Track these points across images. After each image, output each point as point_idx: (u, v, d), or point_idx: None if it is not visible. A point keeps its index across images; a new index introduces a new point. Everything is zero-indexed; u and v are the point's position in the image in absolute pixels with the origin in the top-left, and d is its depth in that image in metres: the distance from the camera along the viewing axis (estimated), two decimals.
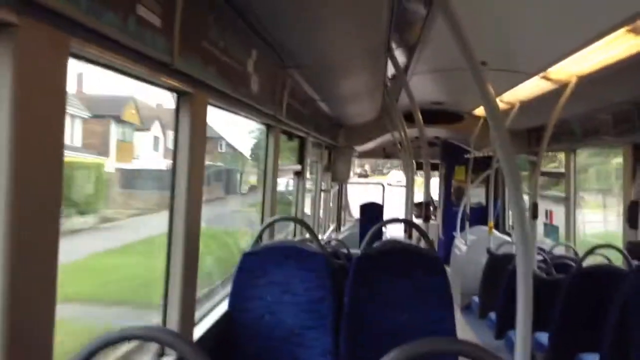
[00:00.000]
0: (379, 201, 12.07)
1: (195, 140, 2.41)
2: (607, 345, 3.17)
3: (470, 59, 1.99)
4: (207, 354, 1.41)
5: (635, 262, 3.24)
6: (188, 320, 2.52)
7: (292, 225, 5.83)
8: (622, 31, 3.09)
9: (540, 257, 5.38)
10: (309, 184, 7.21)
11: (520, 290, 1.85)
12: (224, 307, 3.20)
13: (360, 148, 9.77)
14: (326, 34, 3.27)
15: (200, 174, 2.52)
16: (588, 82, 4.23)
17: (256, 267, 3.16)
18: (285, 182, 6.64)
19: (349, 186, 12.97)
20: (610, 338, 3.13)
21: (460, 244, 8.96)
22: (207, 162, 2.65)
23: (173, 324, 2.43)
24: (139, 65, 1.82)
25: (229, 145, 8.05)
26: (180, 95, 2.33)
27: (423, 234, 3.51)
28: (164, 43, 1.88)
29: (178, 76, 2.10)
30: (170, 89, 2.27)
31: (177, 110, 2.36)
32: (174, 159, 2.38)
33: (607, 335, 3.16)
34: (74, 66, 1.56)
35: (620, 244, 4.80)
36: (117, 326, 1.48)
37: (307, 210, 7.49)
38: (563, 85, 4.50)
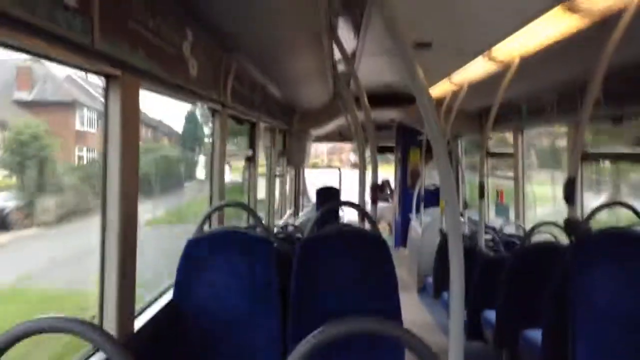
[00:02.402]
0: (337, 185, 12.11)
1: (128, 126, 2.33)
2: (548, 321, 3.25)
3: (400, 42, 1.96)
4: (150, 344, 1.36)
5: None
6: (127, 311, 2.46)
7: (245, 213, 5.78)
8: (559, 8, 3.13)
9: (489, 236, 5.48)
10: (262, 170, 7.15)
11: (453, 267, 1.86)
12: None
13: (316, 132, 9.74)
14: (266, 16, 3.22)
15: (135, 162, 2.44)
16: (530, 62, 4.30)
17: (200, 254, 3.11)
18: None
19: (308, 171, 12.94)
20: (551, 313, 3.21)
21: (416, 226, 9.07)
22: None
23: (110, 315, 2.36)
24: (56, 48, 1.73)
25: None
26: (109, 79, 2.25)
27: (367, 216, 3.52)
28: (82, 24, 1.79)
29: (101, 58, 2.02)
30: (96, 72, 2.18)
31: (106, 94, 2.27)
32: (104, 147, 2.29)
33: (547, 310, 3.23)
34: None
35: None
36: None
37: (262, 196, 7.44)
38: (507, 65, 4.56)
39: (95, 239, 2.33)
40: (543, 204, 7.26)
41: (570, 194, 3.14)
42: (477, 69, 5.09)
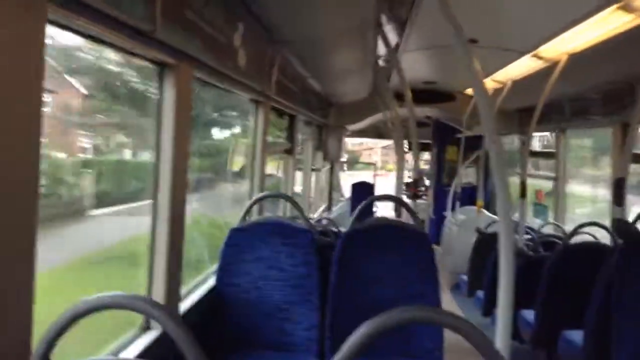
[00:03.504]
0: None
1: (181, 114, 2.38)
2: (591, 323, 3.20)
3: (459, 37, 1.97)
4: (193, 328, 1.39)
5: (620, 240, 3.26)
6: (173, 294, 2.52)
7: (282, 205, 5.83)
8: (612, 8, 3.08)
9: (528, 236, 5.41)
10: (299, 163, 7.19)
11: (503, 266, 1.86)
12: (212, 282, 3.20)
13: (351, 127, 9.73)
14: (314, 9, 3.23)
15: (186, 150, 2.49)
16: (578, 60, 4.22)
17: (243, 242, 3.16)
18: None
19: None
20: (595, 315, 3.16)
21: (450, 224, 9.00)
22: None
23: (158, 298, 2.42)
24: (119, 33, 1.78)
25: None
26: (163, 67, 2.30)
27: (409, 210, 3.52)
28: (145, 11, 1.84)
29: (160, 46, 2.06)
30: (153, 60, 2.23)
31: (161, 83, 2.32)
32: (158, 134, 2.35)
33: (591, 312, 3.19)
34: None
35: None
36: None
37: (299, 189, 7.48)
38: (554, 64, 4.49)
39: None
40: (579, 204, 7.14)
41: (618, 195, 3.09)
42: (521, 66, 5.02)
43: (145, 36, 1.90)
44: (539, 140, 8.29)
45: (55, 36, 1.67)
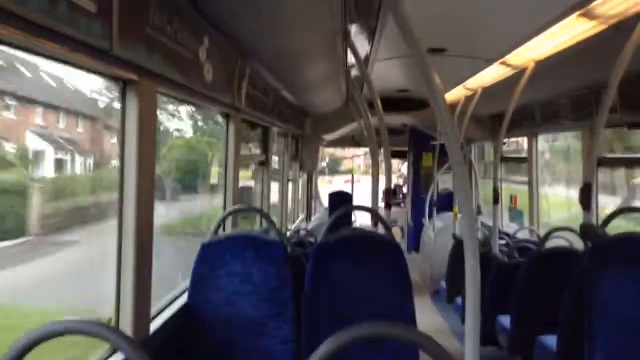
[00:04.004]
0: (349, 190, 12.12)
1: (145, 131, 2.35)
2: (564, 327, 3.23)
3: (416, 47, 1.97)
4: (164, 347, 1.37)
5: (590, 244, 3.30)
6: (143, 313, 2.48)
7: (258, 218, 5.80)
8: (574, 16, 3.13)
9: (503, 242, 5.45)
10: (275, 175, 7.17)
11: (468, 272, 1.86)
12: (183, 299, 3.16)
13: (328, 137, 9.75)
14: (281, 21, 3.23)
15: (151, 167, 2.46)
16: (545, 67, 4.29)
17: (215, 257, 3.13)
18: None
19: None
20: (567, 319, 3.19)
21: (428, 231, 9.05)
22: None
23: (126, 317, 2.38)
24: (75, 53, 1.75)
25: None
26: (125, 84, 2.27)
27: (381, 220, 3.52)
28: (101, 28, 1.81)
29: (119, 63, 2.04)
30: (114, 77, 2.20)
31: (123, 100, 2.30)
32: (121, 152, 2.31)
33: (563, 316, 3.21)
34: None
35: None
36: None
37: (275, 201, 7.45)
38: (522, 71, 4.55)
39: None
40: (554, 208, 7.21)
41: (586, 199, 3.13)
42: (491, 73, 5.08)
43: (102, 53, 1.88)
44: (517, 145, 8.38)
45: None
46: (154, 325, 2.73)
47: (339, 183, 15.57)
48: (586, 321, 2.87)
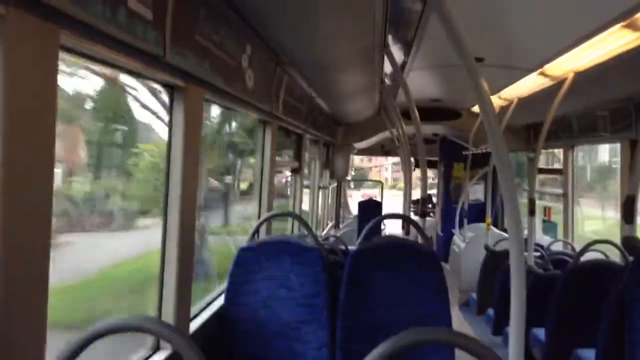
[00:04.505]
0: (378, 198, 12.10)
1: (191, 135, 2.41)
2: (604, 341, 3.17)
3: (465, 56, 1.98)
4: (202, 348, 1.40)
5: (631, 258, 3.25)
6: (184, 314, 2.52)
7: (290, 224, 5.83)
8: (617, 27, 3.09)
9: (537, 254, 5.38)
10: (307, 182, 7.21)
11: (514, 285, 1.85)
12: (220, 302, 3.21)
13: (358, 145, 9.76)
14: (322, 31, 3.27)
15: (196, 169, 2.51)
16: (585, 78, 4.23)
17: (252, 262, 3.17)
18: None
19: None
20: (607, 333, 3.13)
21: (458, 241, 8.97)
22: None
23: (169, 318, 2.43)
24: (130, 58, 1.81)
25: None
26: (174, 89, 2.33)
27: (418, 229, 3.52)
28: (156, 36, 1.87)
29: (170, 70, 2.10)
30: (163, 83, 2.26)
31: (171, 105, 2.36)
32: (168, 154, 2.37)
33: (603, 330, 3.16)
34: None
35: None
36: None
37: (306, 207, 7.49)
38: (560, 82, 4.50)
39: None
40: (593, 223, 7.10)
41: (628, 212, 3.08)
42: (528, 84, 5.04)
43: (155, 60, 1.94)
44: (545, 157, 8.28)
45: None
46: (193, 327, 2.77)
47: (358, 198, 15.46)
48: (627, 336, 2.82)
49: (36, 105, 1.37)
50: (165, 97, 2.36)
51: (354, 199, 14.03)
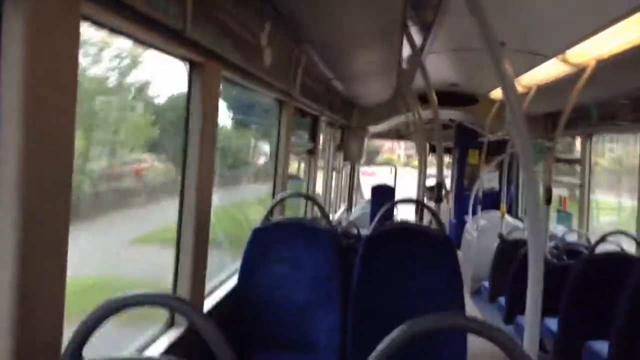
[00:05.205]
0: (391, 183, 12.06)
1: (208, 112, 2.39)
2: (617, 333, 3.14)
3: (489, 39, 1.94)
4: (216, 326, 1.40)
5: None
6: (199, 292, 2.53)
7: (303, 206, 5.83)
8: None
9: (552, 244, 5.35)
10: (321, 163, 7.18)
11: (531, 275, 1.83)
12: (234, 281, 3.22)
13: (373, 129, 9.71)
14: (341, 9, 3.22)
15: (212, 146, 2.50)
16: (607, 66, 4.15)
17: (266, 243, 3.17)
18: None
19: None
20: (620, 326, 3.11)
21: (471, 229, 8.93)
22: None
23: (184, 295, 2.44)
24: (151, 31, 1.79)
25: None
26: (193, 65, 2.31)
27: (433, 213, 3.49)
28: (177, 10, 1.85)
29: (191, 45, 2.07)
30: (183, 58, 2.24)
31: (190, 80, 2.34)
32: (186, 130, 2.36)
33: (617, 322, 3.13)
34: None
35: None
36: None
37: (319, 190, 7.48)
38: (581, 69, 4.42)
39: None
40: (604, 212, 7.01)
41: None
42: (548, 70, 4.96)
43: (176, 34, 1.92)
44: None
45: None
46: (207, 306, 2.78)
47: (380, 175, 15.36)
48: None
49: (58, 76, 1.35)
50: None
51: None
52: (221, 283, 3.22)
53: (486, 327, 1.20)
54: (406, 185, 13.59)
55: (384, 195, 10.18)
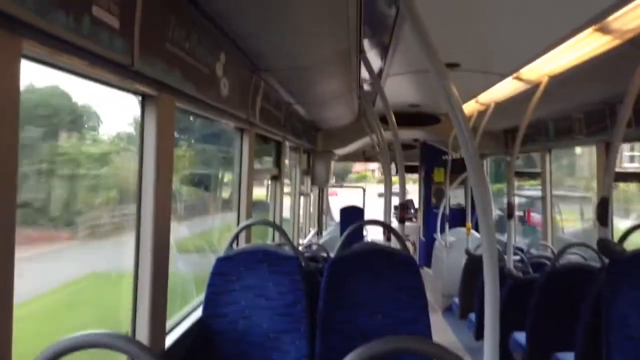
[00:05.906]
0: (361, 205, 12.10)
1: (163, 144, 2.37)
2: (582, 344, 3.18)
3: (435, 62, 1.97)
4: None
5: (607, 260, 3.27)
6: (159, 328, 2.48)
7: (271, 232, 5.80)
8: (589, 31, 3.12)
9: (517, 257, 5.41)
10: (287, 189, 7.17)
11: (488, 290, 1.84)
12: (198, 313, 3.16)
13: (339, 151, 9.77)
14: (296, 38, 3.25)
15: (169, 179, 2.48)
16: (559, 82, 4.27)
17: (230, 271, 3.13)
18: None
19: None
20: (584, 336, 3.15)
21: (440, 246, 9.00)
22: None
23: (143, 332, 2.39)
24: (97, 67, 1.78)
25: None
26: (145, 98, 2.30)
27: (396, 235, 3.51)
28: (123, 44, 1.84)
29: (140, 78, 2.06)
30: (134, 92, 2.23)
31: (142, 114, 2.32)
32: (140, 164, 2.34)
33: (580, 333, 3.17)
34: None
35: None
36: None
37: (287, 215, 7.46)
38: (535, 86, 4.54)
39: None
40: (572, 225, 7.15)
41: (603, 215, 3.10)
42: (504, 88, 5.08)
43: (124, 69, 1.90)
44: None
45: None
46: (169, 340, 2.73)
47: (333, 198, 15.42)
48: (604, 339, 2.83)
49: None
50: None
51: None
52: (184, 318, 3.16)
53: (431, 346, 1.21)
54: (380, 204, 13.62)
55: (352, 216, 10.21)
